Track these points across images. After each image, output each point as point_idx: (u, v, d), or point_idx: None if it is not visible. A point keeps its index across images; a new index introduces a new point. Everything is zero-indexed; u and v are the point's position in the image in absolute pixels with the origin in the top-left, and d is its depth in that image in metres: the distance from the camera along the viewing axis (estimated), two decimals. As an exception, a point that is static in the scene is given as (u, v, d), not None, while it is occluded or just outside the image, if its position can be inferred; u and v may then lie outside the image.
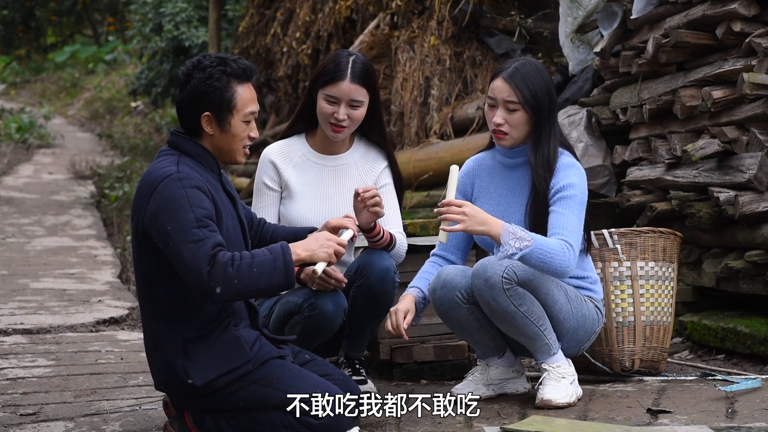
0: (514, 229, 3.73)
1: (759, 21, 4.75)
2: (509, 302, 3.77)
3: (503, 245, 3.71)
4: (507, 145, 3.98)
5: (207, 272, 3.25)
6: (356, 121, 4.07)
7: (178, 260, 3.29)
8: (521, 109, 3.91)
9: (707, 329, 4.84)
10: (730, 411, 3.69)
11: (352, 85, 4.03)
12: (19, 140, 17.10)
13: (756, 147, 4.64)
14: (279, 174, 4.13)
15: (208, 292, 3.27)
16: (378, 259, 4.00)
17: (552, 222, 3.84)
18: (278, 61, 10.44)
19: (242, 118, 3.45)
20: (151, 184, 3.36)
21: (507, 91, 3.92)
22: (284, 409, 3.36)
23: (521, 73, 3.93)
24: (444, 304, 3.94)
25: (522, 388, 4.07)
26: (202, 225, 3.29)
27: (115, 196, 11.79)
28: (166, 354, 3.42)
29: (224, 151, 3.49)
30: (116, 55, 24.37)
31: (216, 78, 3.40)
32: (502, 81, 3.93)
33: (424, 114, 8.03)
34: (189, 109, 3.44)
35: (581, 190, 3.91)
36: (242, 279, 3.27)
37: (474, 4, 7.89)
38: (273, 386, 3.39)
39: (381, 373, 4.59)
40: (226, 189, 3.53)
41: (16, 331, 5.84)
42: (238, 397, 3.40)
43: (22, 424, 3.88)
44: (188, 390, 3.40)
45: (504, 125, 3.94)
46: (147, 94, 15.46)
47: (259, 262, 3.30)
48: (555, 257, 3.73)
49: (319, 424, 3.35)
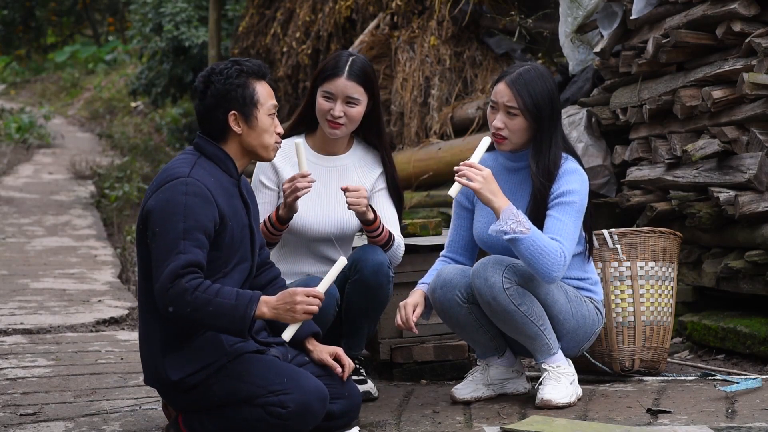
0: (518, 213, 3.73)
1: (759, 21, 4.75)
2: (509, 302, 3.77)
3: (501, 220, 3.72)
4: (506, 150, 3.98)
5: (167, 288, 3.28)
6: (353, 119, 4.08)
7: (153, 263, 3.35)
8: (521, 115, 3.90)
9: (707, 329, 4.84)
10: (730, 411, 3.69)
11: (348, 81, 4.04)
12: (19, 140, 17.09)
13: (756, 147, 4.64)
14: (277, 174, 4.13)
15: (162, 306, 3.32)
16: (371, 254, 4.00)
17: (548, 226, 3.83)
18: (278, 61, 10.44)
19: (266, 112, 3.51)
20: (161, 180, 3.41)
21: (508, 95, 3.91)
22: (253, 402, 3.37)
23: (524, 78, 3.91)
24: (444, 303, 3.94)
25: (522, 388, 4.07)
26: (188, 238, 3.31)
27: (115, 196, 11.78)
28: (151, 349, 3.45)
29: (254, 147, 3.52)
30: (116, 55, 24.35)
31: (235, 76, 3.47)
32: (505, 85, 3.93)
33: (424, 114, 8.03)
34: (214, 113, 3.48)
35: (581, 197, 3.90)
36: (196, 311, 3.29)
37: (474, 4, 7.88)
38: (243, 379, 3.40)
39: (381, 373, 4.59)
40: (242, 195, 3.54)
41: (16, 331, 5.84)
42: (214, 392, 3.41)
43: (22, 424, 3.88)
44: (168, 385, 3.43)
45: (504, 130, 3.93)
46: (147, 94, 15.44)
47: (219, 303, 3.29)
48: (546, 256, 3.72)
49: (287, 413, 3.35)
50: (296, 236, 4.11)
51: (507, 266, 3.78)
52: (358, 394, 3.65)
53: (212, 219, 3.37)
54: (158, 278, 3.31)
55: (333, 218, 4.08)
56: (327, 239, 4.11)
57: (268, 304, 3.37)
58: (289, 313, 3.38)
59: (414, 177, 7.51)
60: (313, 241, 4.12)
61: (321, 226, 4.09)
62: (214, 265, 3.40)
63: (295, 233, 4.10)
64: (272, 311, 3.38)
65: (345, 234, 4.12)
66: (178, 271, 3.28)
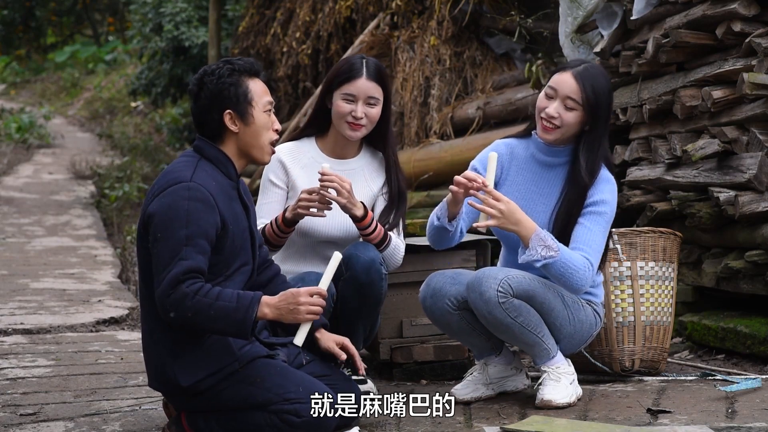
0: (545, 236, 3.71)
1: (759, 21, 4.75)
2: (505, 315, 3.76)
3: (530, 249, 3.70)
4: (550, 140, 3.90)
5: (168, 294, 3.27)
6: (373, 119, 4.08)
7: (155, 269, 3.34)
8: (580, 109, 3.85)
9: (707, 329, 4.84)
10: (730, 411, 3.69)
11: (369, 82, 4.06)
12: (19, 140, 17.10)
13: (756, 147, 4.64)
14: (287, 173, 4.13)
15: (163, 312, 3.31)
16: (363, 251, 3.99)
17: (577, 235, 3.82)
18: (278, 61, 10.44)
19: (262, 109, 3.49)
20: (163, 184, 3.40)
21: (573, 87, 3.84)
22: (267, 408, 3.36)
23: (590, 72, 3.86)
24: (435, 312, 3.94)
25: (522, 384, 4.06)
26: (190, 244, 3.31)
27: (115, 196, 11.79)
28: (158, 353, 3.43)
29: (252, 146, 3.51)
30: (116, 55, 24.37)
31: (227, 75, 3.46)
32: (571, 77, 3.86)
33: (424, 114, 8.03)
34: (209, 113, 3.47)
35: (612, 208, 3.88)
36: (197, 315, 3.28)
37: (474, 4, 7.88)
38: (257, 385, 3.39)
39: (381, 373, 4.59)
40: (241, 197, 3.54)
41: (16, 331, 5.84)
42: (225, 396, 3.40)
43: (22, 424, 3.88)
44: (177, 390, 3.41)
45: (557, 119, 3.86)
46: (147, 94, 15.45)
47: (220, 306, 3.29)
48: (575, 274, 3.74)
49: (302, 422, 3.35)
50: (302, 237, 4.11)
51: (501, 280, 3.76)
52: (358, 395, 3.64)
53: (214, 224, 3.36)
54: (159, 284, 3.30)
55: (339, 221, 4.08)
56: (332, 241, 4.10)
57: (269, 305, 3.36)
58: (292, 314, 3.37)
59: (414, 177, 7.51)
60: (318, 243, 4.12)
61: (327, 229, 4.09)
62: (216, 269, 3.40)
63: (301, 234, 4.09)
64: (274, 311, 3.37)
65: (350, 236, 4.11)
66: (180, 277, 3.27)
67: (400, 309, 4.51)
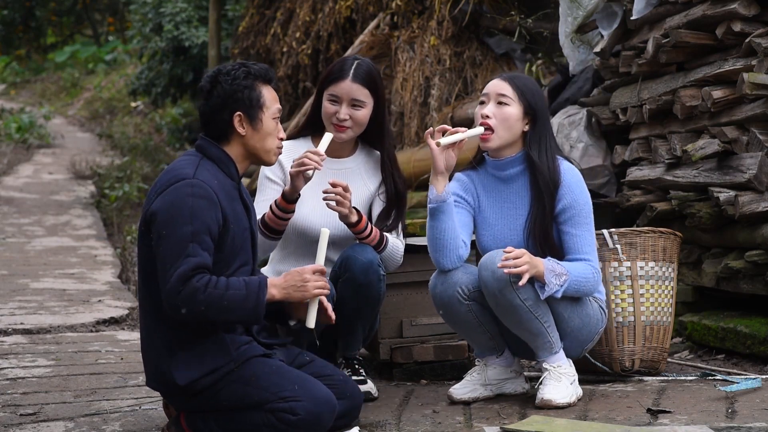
0: (553, 265, 3.80)
1: (759, 21, 4.75)
2: (515, 295, 3.77)
3: (548, 284, 3.77)
4: (493, 147, 3.94)
5: (178, 291, 3.27)
6: (359, 122, 4.08)
7: (160, 267, 3.34)
8: (513, 104, 3.91)
9: (707, 329, 4.84)
10: (730, 411, 3.69)
11: (353, 84, 4.05)
12: (19, 140, 17.08)
13: (756, 147, 4.64)
14: (284, 171, 4.14)
15: (174, 309, 3.31)
16: (360, 252, 4.00)
17: (569, 245, 3.89)
18: (278, 61, 10.44)
19: (271, 116, 3.52)
20: (165, 182, 3.40)
21: (502, 85, 3.95)
22: (264, 407, 3.36)
23: (517, 75, 4.02)
24: (444, 299, 3.93)
25: (520, 388, 4.07)
26: (196, 240, 3.31)
27: (115, 196, 11.78)
28: (156, 352, 3.44)
29: (257, 150, 3.52)
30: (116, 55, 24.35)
31: (242, 78, 3.48)
32: (498, 80, 3.98)
33: (424, 114, 8.03)
34: (219, 113, 3.48)
35: (585, 200, 3.92)
36: (210, 308, 3.29)
37: (474, 4, 7.89)
38: (253, 384, 3.39)
39: (381, 373, 4.59)
40: (242, 198, 3.55)
41: (16, 331, 5.83)
42: (223, 396, 3.40)
43: (22, 424, 3.88)
44: (175, 389, 3.42)
45: (491, 118, 3.92)
46: (147, 94, 15.46)
47: (231, 295, 3.31)
48: (587, 284, 3.87)
49: (298, 420, 3.35)
50: (299, 237, 4.12)
51: None
52: (359, 395, 3.64)
53: (217, 221, 3.37)
54: (167, 281, 3.29)
55: (336, 220, 4.08)
56: (330, 240, 4.10)
57: (276, 285, 3.40)
58: (299, 291, 3.41)
59: (414, 177, 7.51)
60: (315, 242, 4.12)
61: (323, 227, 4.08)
62: (217, 268, 3.40)
63: (297, 233, 4.10)
64: (281, 292, 3.40)
65: (348, 235, 4.11)
66: (189, 273, 3.28)
67: (400, 309, 4.51)
